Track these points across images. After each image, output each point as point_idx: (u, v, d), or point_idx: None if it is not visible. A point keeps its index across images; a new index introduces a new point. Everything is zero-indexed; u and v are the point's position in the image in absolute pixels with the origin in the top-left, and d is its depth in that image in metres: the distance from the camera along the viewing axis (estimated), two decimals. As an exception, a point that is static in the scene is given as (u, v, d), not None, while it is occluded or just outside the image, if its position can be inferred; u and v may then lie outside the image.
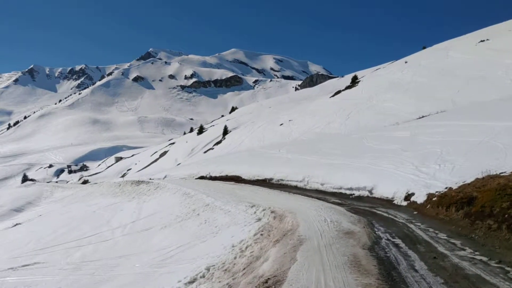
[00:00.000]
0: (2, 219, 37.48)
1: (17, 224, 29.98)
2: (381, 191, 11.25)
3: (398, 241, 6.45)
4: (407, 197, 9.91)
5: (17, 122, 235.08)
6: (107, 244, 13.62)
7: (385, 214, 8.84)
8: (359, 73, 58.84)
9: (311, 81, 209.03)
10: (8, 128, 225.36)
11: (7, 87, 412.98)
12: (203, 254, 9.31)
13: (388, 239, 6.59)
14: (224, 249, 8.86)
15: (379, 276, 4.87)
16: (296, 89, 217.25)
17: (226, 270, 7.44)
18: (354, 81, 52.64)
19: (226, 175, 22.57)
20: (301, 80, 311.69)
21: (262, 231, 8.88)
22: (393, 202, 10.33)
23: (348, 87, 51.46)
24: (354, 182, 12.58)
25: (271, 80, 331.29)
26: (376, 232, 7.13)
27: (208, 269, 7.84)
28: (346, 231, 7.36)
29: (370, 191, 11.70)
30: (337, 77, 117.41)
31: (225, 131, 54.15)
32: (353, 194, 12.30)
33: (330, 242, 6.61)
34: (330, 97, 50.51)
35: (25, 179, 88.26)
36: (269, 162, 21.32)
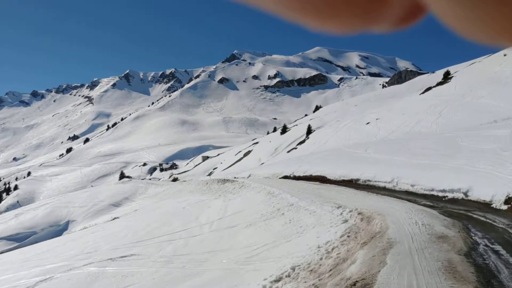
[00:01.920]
0: (103, 213, 40.57)
1: (115, 218, 32.28)
2: (478, 194, 10.46)
3: (497, 247, 5.95)
4: (508, 200, 9.13)
5: (115, 124, 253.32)
6: (196, 239, 14.13)
7: (482, 218, 8.21)
8: (451, 68, 55.27)
9: (400, 77, 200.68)
10: (107, 129, 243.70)
11: (106, 91, 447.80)
12: (288, 253, 9.32)
13: (486, 245, 6.11)
14: (310, 249, 8.79)
15: (477, 285, 4.53)
16: (384, 86, 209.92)
17: (311, 270, 7.37)
18: (446, 76, 49.62)
19: (311, 175, 22.40)
20: (388, 77, 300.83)
21: (349, 232, 8.68)
22: (491, 205, 9.57)
23: (439, 83, 48.65)
24: (447, 183, 11.83)
25: (356, 78, 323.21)
26: (473, 237, 6.64)
27: (293, 269, 7.83)
28: (439, 235, 6.95)
29: (465, 194, 10.93)
30: (427, 73, 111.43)
31: (309, 131, 53.82)
32: (446, 196, 11.57)
33: (422, 246, 6.28)
34: (420, 94, 48.11)
35: (122, 176, 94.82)
36: (355, 162, 20.79)
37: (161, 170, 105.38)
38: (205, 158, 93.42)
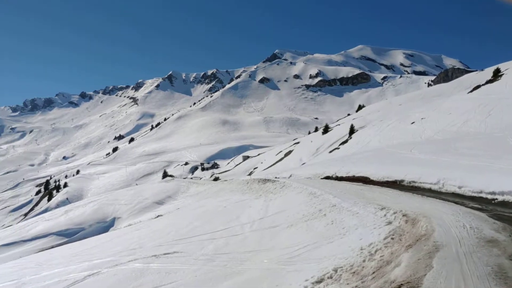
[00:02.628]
0: (147, 210, 41.60)
1: (159, 215, 33.03)
2: (531, 197, 9.98)
3: (553, 254, 5.66)
4: None
5: (158, 124, 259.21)
6: (237, 238, 14.23)
7: (537, 223, 7.82)
8: (502, 65, 52.83)
9: (446, 76, 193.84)
10: (151, 129, 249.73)
11: (150, 92, 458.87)
12: (330, 255, 9.23)
13: (541, 251, 5.82)
14: (352, 251, 8.68)
15: (531, 292, 4.32)
16: (429, 85, 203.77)
17: (354, 272, 7.28)
18: (497, 74, 47.50)
19: (353, 176, 22.05)
20: (434, 75, 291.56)
21: (393, 235, 8.49)
22: (546, 209, 9.10)
23: (489, 81, 46.65)
24: (498, 185, 11.30)
25: (401, 76, 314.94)
26: (527, 242, 6.34)
27: (335, 270, 7.75)
28: (489, 239, 6.68)
29: (518, 196, 10.42)
30: (476, 70, 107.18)
31: (351, 130, 53.00)
32: (496, 199, 11.07)
33: (470, 250, 6.05)
34: (468, 92, 46.33)
35: (165, 175, 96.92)
36: (400, 162, 20.29)
37: (203, 169, 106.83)
38: (246, 158, 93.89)
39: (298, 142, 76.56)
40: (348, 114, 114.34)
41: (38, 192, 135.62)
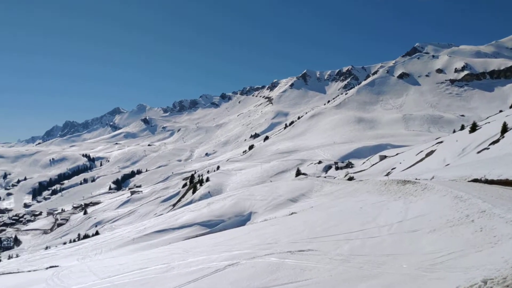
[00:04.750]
0: (281, 207, 42.69)
1: (293, 213, 33.65)
2: None
3: None
4: None
5: (292, 122, 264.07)
6: (373, 241, 13.78)
7: None
8: None
9: None
10: (285, 128, 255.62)
11: (284, 91, 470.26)
12: (479, 264, 8.43)
13: None
14: (505, 262, 7.81)
15: None
16: None
17: (508, 286, 6.54)
18: None
19: (506, 179, 19.75)
20: None
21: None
22: None
23: None
24: None
25: None
26: None
27: (485, 282, 7.05)
28: None
29: None
30: None
31: (504, 129, 47.42)
32: None
33: None
34: None
35: (298, 173, 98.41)
36: None
37: (336, 168, 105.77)
38: (383, 158, 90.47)
39: (441, 141, 71.23)
40: (500, 111, 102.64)
41: (184, 185, 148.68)
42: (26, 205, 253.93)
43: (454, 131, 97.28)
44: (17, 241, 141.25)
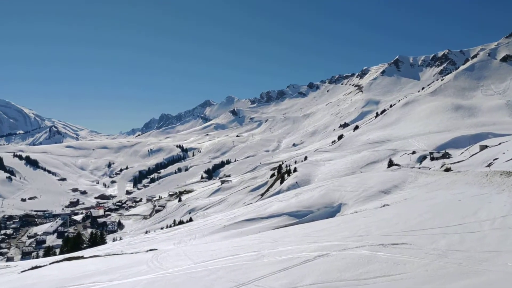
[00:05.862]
0: (372, 199, 41.54)
1: (385, 205, 32.61)
2: None
3: None
4: None
5: (383, 111, 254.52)
6: (474, 236, 12.97)
7: None
8: None
9: None
10: (375, 117, 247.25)
11: (375, 78, 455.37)
12: None
13: None
14: None
15: None
16: None
17: None
18: None
19: None
20: None
21: None
22: None
23: None
24: None
25: None
26: None
27: None
28: None
29: None
30: None
31: None
32: None
33: None
34: None
35: (390, 164, 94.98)
36: None
37: (432, 159, 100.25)
38: (483, 147, 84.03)
39: (552, 130, 64.46)
40: None
41: (272, 175, 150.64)
42: (128, 192, 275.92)
43: None
44: (120, 225, 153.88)
